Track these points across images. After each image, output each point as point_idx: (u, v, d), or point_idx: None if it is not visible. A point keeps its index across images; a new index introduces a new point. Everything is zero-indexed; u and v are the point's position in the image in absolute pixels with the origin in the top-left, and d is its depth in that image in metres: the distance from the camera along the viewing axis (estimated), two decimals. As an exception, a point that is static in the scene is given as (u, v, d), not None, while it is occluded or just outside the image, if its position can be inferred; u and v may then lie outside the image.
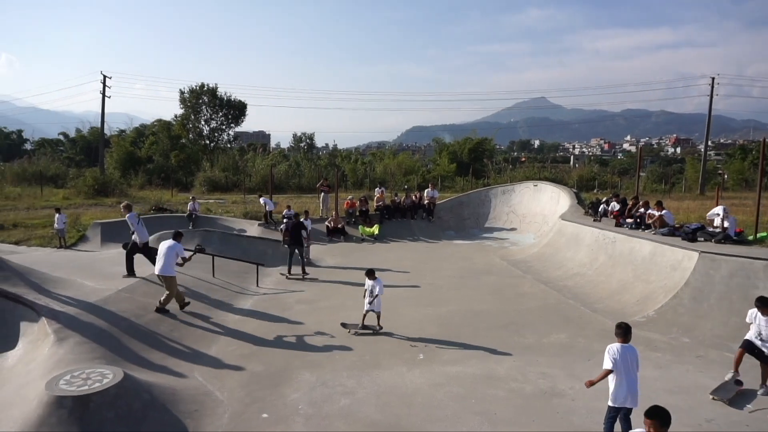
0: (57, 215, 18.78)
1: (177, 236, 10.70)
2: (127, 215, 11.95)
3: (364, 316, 9.95)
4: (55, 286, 10.25)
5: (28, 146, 66.64)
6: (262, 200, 22.66)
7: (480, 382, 7.78)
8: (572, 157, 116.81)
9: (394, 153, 55.57)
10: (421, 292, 13.09)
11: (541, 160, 72.28)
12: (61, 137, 66.25)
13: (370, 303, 9.87)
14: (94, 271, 12.75)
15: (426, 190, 23.96)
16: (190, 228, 20.36)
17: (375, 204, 23.22)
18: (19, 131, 70.19)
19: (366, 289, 10.02)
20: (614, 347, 5.64)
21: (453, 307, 11.69)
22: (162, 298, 10.14)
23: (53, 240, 19.05)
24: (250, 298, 12.31)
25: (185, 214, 22.77)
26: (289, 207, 21.46)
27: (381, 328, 10.00)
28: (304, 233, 14.89)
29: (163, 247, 10.31)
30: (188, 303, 10.53)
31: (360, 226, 21.67)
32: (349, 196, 24.77)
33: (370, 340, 9.61)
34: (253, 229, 20.93)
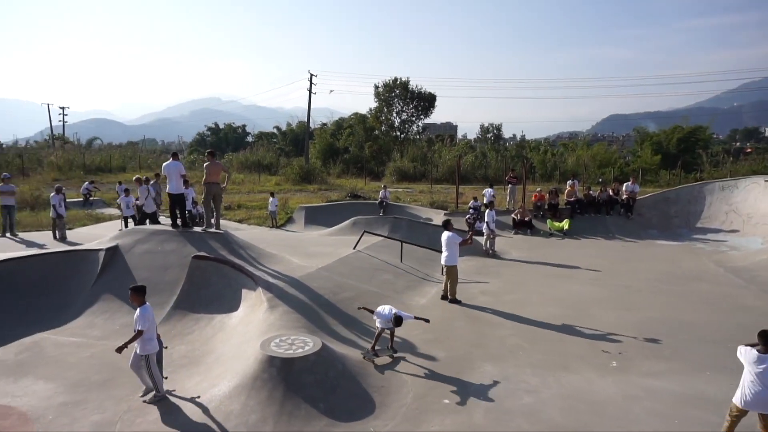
0: (271, 199, 21.48)
1: (447, 225, 11.50)
2: (139, 188, 16.11)
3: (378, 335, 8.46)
4: (269, 260, 11.70)
5: (249, 139, 76.99)
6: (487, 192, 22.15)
7: (685, 402, 6.87)
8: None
9: (588, 143, 51.77)
10: (614, 294, 12.02)
11: (772, 152, 60.91)
12: (275, 131, 75.15)
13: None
14: (298, 250, 14.25)
15: (626, 184, 21.86)
16: (381, 215, 21.58)
17: (565, 197, 21.93)
18: (244, 126, 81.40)
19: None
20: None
21: (653, 314, 10.50)
22: (449, 290, 11.16)
23: (267, 220, 21.80)
24: (435, 285, 12.58)
25: (377, 202, 24.17)
26: (475, 198, 21.41)
27: (395, 351, 8.40)
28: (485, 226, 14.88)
29: (444, 237, 11.20)
30: (460, 302, 11.14)
31: (548, 220, 20.68)
32: (538, 189, 23.79)
33: (557, 339, 9.12)
34: (438, 218, 21.36)
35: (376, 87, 53.63)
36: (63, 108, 71.08)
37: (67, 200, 19.04)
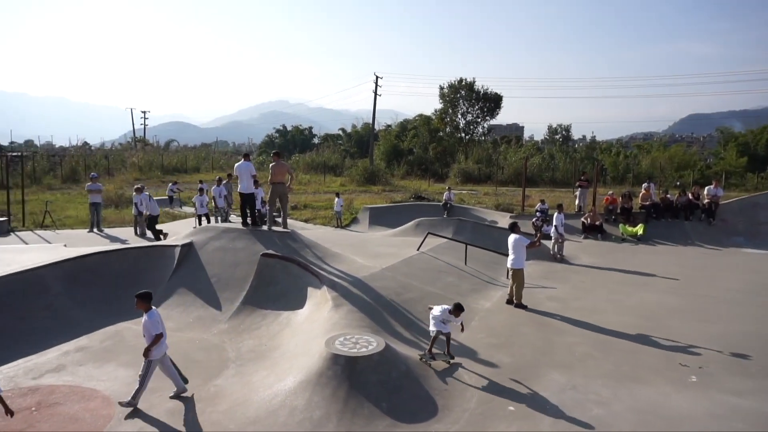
0: (336, 199, 21.84)
1: (514, 227, 11.29)
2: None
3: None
4: (334, 260, 11.88)
5: (315, 140, 78.79)
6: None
7: (777, 423, 6.34)
8: None
9: (665, 145, 49.19)
10: (694, 304, 11.30)
11: None
12: (340, 132, 76.48)
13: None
14: (362, 250, 14.39)
15: (707, 188, 20.55)
16: (445, 216, 21.43)
17: (640, 201, 20.89)
18: (310, 128, 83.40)
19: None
20: None
21: (738, 327, 9.78)
22: (514, 294, 10.94)
23: (332, 220, 22.18)
24: (500, 289, 12.33)
25: (441, 203, 24.03)
26: (542, 201, 20.82)
27: (452, 357, 8.11)
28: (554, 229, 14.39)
29: (511, 240, 11.00)
30: (526, 307, 10.87)
31: (621, 225, 19.77)
32: (609, 192, 22.81)
33: (629, 349, 8.68)
34: (504, 221, 20.94)
35: (441, 88, 53.39)
36: (144, 112, 75.71)
37: (155, 198, 20.10)
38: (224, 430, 6.28)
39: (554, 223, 15.62)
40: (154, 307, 7.01)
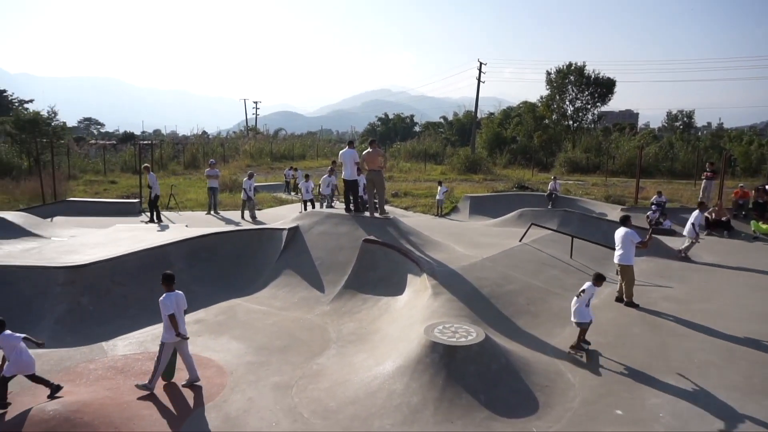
0: (439, 187, 21.75)
1: (626, 221, 10.48)
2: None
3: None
4: (434, 248, 11.85)
5: (416, 129, 78.99)
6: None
7: None
8: None
9: (810, 132, 43.47)
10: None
11: None
12: (441, 120, 75.99)
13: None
14: (463, 239, 14.22)
15: None
16: (549, 207, 20.58)
17: (777, 195, 18.65)
18: (411, 116, 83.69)
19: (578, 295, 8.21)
20: None
21: None
22: (624, 292, 10.31)
23: (432, 208, 22.15)
24: (608, 285, 11.57)
25: (545, 194, 23.11)
26: (659, 193, 19.28)
27: (588, 344, 8.18)
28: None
29: (620, 233, 10.25)
30: (637, 305, 10.20)
31: (753, 222, 17.77)
32: (740, 184, 20.59)
33: (760, 360, 7.79)
34: (614, 213, 19.68)
35: (548, 73, 51.08)
36: (256, 102, 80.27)
37: (264, 184, 21.17)
38: (325, 407, 6.52)
39: (691, 221, 14.26)
40: (176, 291, 6.99)
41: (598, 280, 8.21)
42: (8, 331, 6.43)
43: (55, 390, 6.43)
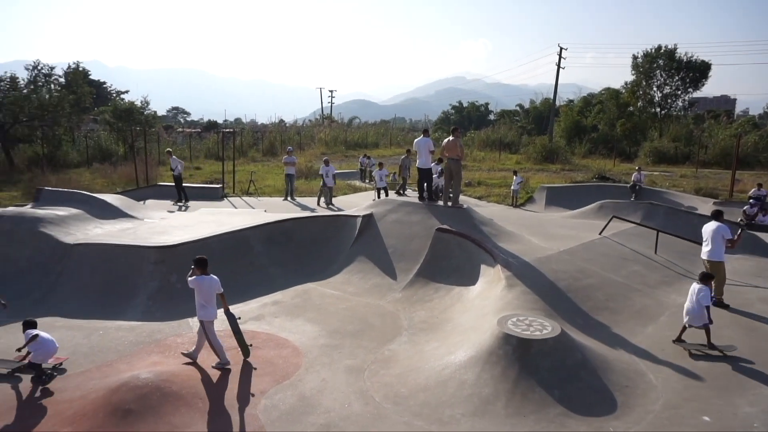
0: (515, 177, 21.23)
1: (718, 216, 9.71)
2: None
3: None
4: (508, 239, 11.62)
5: (491, 117, 77.37)
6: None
7: None
8: None
9: None
10: None
11: None
12: (517, 108, 73.92)
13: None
14: (538, 230, 13.83)
15: None
16: (633, 199, 19.58)
17: None
18: (486, 104, 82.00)
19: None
20: None
21: None
22: (714, 291, 9.38)
23: (506, 198, 21.68)
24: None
25: (628, 185, 21.98)
26: (759, 186, 17.80)
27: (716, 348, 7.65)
28: None
29: (709, 228, 9.59)
30: (728, 306, 9.50)
31: None
32: None
33: None
34: (705, 207, 18.39)
35: (635, 57, 48.14)
36: (331, 91, 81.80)
37: (338, 171, 21.56)
38: (396, 393, 6.61)
39: None
40: (209, 275, 7.16)
41: (706, 279, 7.99)
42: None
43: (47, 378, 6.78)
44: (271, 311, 9.32)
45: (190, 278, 7.11)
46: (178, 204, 18.18)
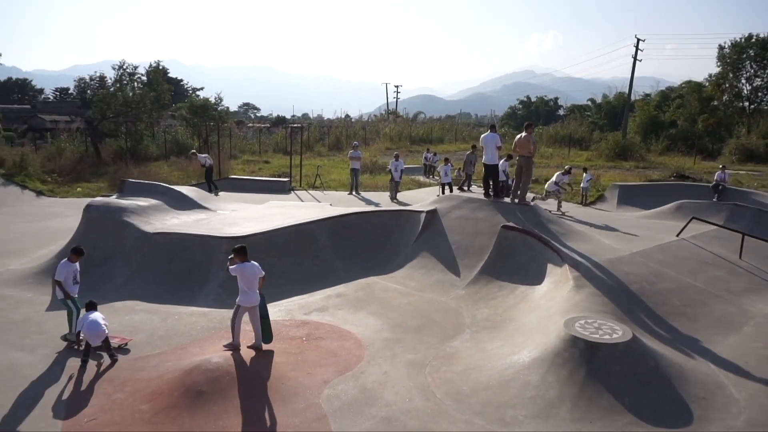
0: (584, 174, 20.45)
1: None
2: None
3: None
4: (577, 238, 11.23)
5: (561, 112, 74.79)
6: None
7: None
8: None
9: None
10: None
11: None
12: (589, 103, 71.00)
13: None
14: (609, 230, 13.28)
15: None
16: (715, 200, 18.38)
17: None
18: (556, 99, 79.30)
19: None
20: None
21: None
22: None
23: (575, 196, 20.94)
24: (786, 292, 10.09)
25: (710, 185, 20.64)
26: None
27: None
28: None
29: None
30: None
31: None
32: None
33: None
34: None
35: (721, 48, 45.03)
36: (397, 86, 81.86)
37: (406, 167, 21.63)
38: (458, 390, 6.56)
39: None
40: (250, 261, 7.28)
41: None
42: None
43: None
44: (335, 303, 9.49)
45: (231, 267, 7.28)
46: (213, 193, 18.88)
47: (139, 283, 10.03)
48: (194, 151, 21.06)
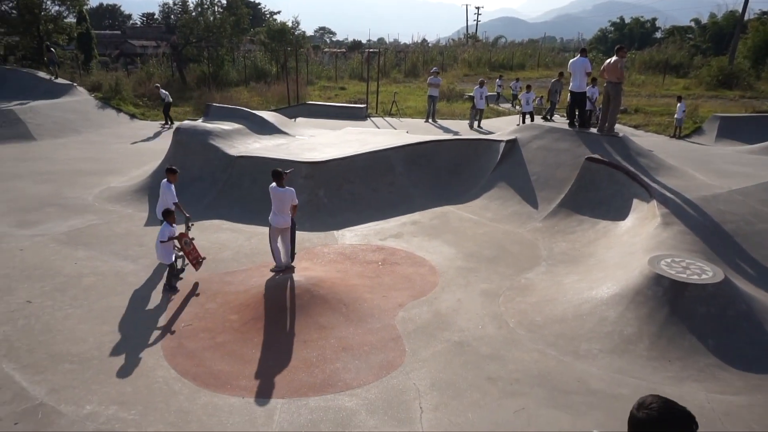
0: (678, 104, 18.82)
1: None
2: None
3: None
4: (668, 173, 10.51)
5: (658, 35, 68.18)
6: None
7: None
8: None
9: None
10: None
11: None
12: (692, 24, 64.06)
13: None
14: (705, 166, 12.35)
15: None
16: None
17: None
18: (653, 19, 72.07)
19: None
20: None
21: None
22: None
23: (668, 128, 19.46)
24: None
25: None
26: None
27: None
28: None
29: None
30: None
31: None
32: None
33: None
34: None
35: None
36: (478, 8, 77.34)
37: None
38: (531, 321, 6.59)
39: None
40: (287, 187, 7.44)
41: None
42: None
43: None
44: (410, 230, 9.62)
45: (270, 186, 7.47)
46: (165, 126, 20.10)
47: (225, 204, 10.59)
48: (158, 84, 21.70)
